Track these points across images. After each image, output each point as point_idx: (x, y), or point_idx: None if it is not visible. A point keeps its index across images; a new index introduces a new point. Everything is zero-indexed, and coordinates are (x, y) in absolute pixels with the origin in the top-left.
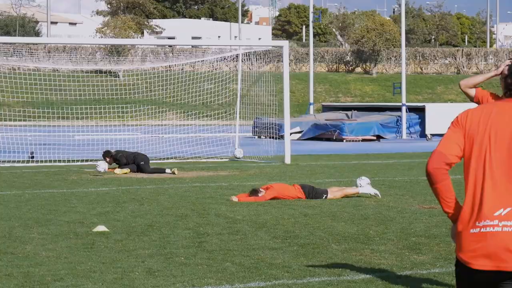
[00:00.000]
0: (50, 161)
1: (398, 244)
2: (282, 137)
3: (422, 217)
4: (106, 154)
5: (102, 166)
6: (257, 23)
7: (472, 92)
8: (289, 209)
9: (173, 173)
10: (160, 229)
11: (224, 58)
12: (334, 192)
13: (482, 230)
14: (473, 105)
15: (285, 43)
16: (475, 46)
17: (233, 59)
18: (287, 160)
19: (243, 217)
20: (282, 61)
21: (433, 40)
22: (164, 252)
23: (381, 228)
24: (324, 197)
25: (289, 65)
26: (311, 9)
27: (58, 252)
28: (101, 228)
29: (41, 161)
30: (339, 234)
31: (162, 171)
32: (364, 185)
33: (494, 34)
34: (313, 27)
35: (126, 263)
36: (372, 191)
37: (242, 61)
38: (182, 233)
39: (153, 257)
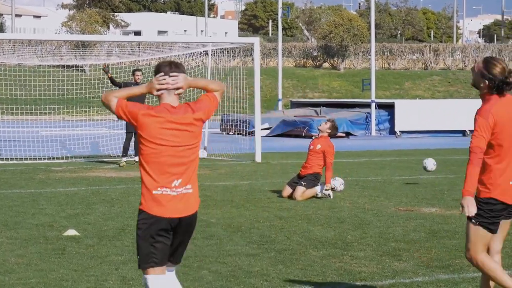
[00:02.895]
0: (17, 158)
1: (378, 250)
2: (250, 133)
3: (399, 220)
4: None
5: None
6: (222, 17)
7: (114, 102)
8: (263, 212)
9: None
10: (132, 233)
11: (193, 54)
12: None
13: None
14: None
15: (256, 40)
16: (441, 41)
17: (201, 54)
18: (258, 159)
19: (217, 220)
20: (249, 55)
21: (399, 35)
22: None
23: (358, 232)
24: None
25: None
26: (279, 5)
27: (28, 258)
28: (71, 232)
29: (7, 159)
30: (316, 239)
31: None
32: (326, 188)
33: (460, 29)
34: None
35: (99, 271)
36: (325, 192)
37: (210, 56)
38: None
39: (126, 264)
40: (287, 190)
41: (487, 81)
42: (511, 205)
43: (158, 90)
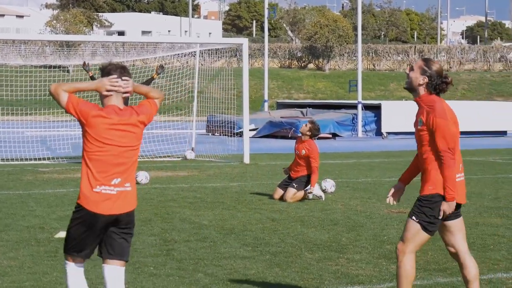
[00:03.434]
0: (3, 159)
1: (373, 252)
2: (237, 134)
3: (393, 222)
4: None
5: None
6: (205, 17)
7: (65, 97)
8: (255, 213)
9: None
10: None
11: (178, 55)
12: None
13: None
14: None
15: (244, 41)
16: (425, 43)
17: (185, 55)
18: (246, 160)
19: (209, 222)
20: (234, 56)
21: (383, 36)
22: (132, 261)
23: (353, 234)
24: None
25: (242, 61)
26: (265, 5)
27: (21, 261)
28: (63, 234)
29: None
30: (310, 242)
31: None
32: (316, 189)
33: (443, 30)
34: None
35: (92, 274)
36: (318, 192)
37: (194, 56)
38: (148, 239)
39: None
40: (278, 192)
41: (427, 78)
42: (459, 205)
43: (108, 90)
